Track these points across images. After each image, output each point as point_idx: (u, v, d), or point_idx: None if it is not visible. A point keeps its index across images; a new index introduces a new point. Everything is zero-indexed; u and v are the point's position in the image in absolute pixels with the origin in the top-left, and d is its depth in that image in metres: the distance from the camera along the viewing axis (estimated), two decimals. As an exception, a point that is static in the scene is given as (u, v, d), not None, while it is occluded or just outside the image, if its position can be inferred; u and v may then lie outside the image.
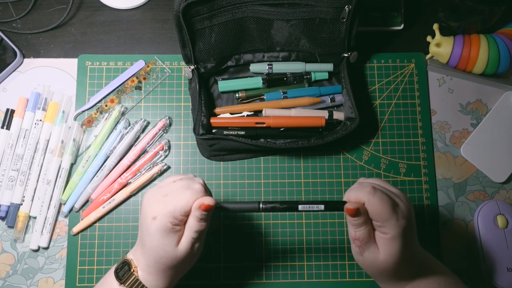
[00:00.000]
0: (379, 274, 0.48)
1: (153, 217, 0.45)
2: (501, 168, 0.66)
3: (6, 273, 0.62)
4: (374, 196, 0.46)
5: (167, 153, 0.65)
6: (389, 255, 0.46)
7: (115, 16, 0.70)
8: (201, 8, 0.58)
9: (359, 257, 0.48)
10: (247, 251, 0.63)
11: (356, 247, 0.47)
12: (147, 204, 0.47)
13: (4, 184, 0.63)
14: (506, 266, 0.62)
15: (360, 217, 0.45)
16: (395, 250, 0.46)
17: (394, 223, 0.45)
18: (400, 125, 0.67)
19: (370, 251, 0.47)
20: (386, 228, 0.45)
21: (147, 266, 0.48)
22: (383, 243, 0.46)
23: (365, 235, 0.46)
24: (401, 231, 0.45)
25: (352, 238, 0.47)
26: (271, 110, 0.65)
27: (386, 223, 0.45)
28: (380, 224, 0.46)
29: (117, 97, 0.66)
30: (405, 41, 0.70)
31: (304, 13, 0.59)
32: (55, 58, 0.68)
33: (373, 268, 0.48)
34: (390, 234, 0.45)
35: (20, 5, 0.70)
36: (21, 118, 0.64)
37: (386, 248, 0.46)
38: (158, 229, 0.45)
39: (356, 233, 0.46)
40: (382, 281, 0.50)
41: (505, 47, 0.64)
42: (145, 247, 0.47)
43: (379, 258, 0.46)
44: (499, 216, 0.64)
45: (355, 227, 0.46)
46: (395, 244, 0.46)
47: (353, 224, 0.46)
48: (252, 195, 0.65)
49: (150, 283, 0.48)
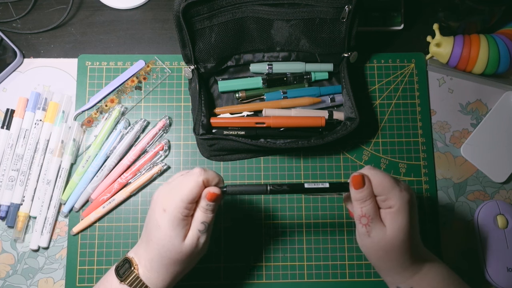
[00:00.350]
0: (387, 257, 0.48)
1: (163, 209, 0.47)
2: (501, 168, 0.66)
3: (6, 273, 0.62)
4: (375, 170, 0.48)
5: (167, 153, 0.65)
6: (396, 229, 0.46)
7: (115, 16, 0.70)
8: (201, 8, 0.58)
9: (366, 239, 0.48)
10: (247, 251, 0.63)
11: (363, 226, 0.47)
12: (157, 199, 0.48)
13: (4, 184, 0.63)
14: (506, 266, 0.62)
15: (365, 187, 0.47)
16: (401, 224, 0.46)
17: (398, 194, 0.46)
18: (400, 125, 0.67)
19: (377, 229, 0.47)
20: (391, 200, 0.46)
21: (150, 261, 0.48)
22: (390, 218, 0.47)
23: (371, 210, 0.47)
24: (405, 203, 0.47)
25: (359, 217, 0.48)
26: (271, 110, 0.65)
27: (390, 193, 0.46)
28: (384, 197, 0.47)
29: (117, 97, 0.66)
30: (405, 41, 0.70)
31: (304, 13, 0.59)
32: (55, 58, 0.68)
33: (380, 250, 0.48)
34: (396, 206, 0.46)
35: (20, 5, 0.70)
36: (21, 118, 0.64)
37: (392, 222, 0.47)
38: (168, 220, 0.46)
39: (362, 209, 0.47)
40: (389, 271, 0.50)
41: (505, 47, 0.64)
42: (150, 242, 0.48)
43: (387, 235, 0.47)
44: (499, 216, 0.64)
45: (361, 202, 0.47)
46: (401, 217, 0.46)
47: (359, 198, 0.47)
48: (252, 195, 0.65)
49: (151, 281, 0.48)
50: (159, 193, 0.49)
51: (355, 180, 0.47)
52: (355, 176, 0.47)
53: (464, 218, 0.65)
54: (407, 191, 0.48)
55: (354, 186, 0.47)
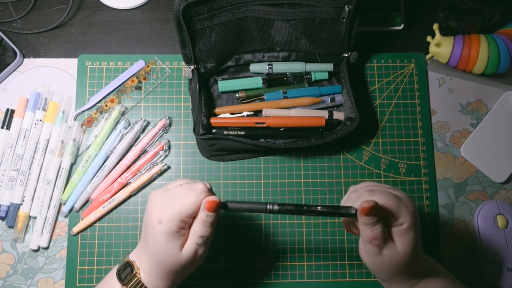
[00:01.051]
0: (398, 271, 0.47)
1: (159, 221, 0.45)
2: (501, 168, 0.66)
3: (6, 273, 0.62)
4: (375, 194, 0.46)
5: (167, 153, 0.65)
6: (407, 244, 0.46)
7: (115, 16, 0.70)
8: (201, 8, 0.58)
9: (376, 257, 0.47)
10: (247, 251, 0.63)
11: (374, 247, 0.46)
12: (153, 207, 0.47)
13: (4, 184, 0.63)
14: (506, 266, 0.62)
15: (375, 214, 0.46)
16: (411, 238, 0.46)
17: (405, 210, 0.46)
18: (400, 125, 0.67)
19: (388, 247, 0.46)
20: (401, 217, 0.46)
21: (150, 267, 0.48)
22: (400, 234, 0.46)
23: (382, 232, 0.46)
24: (414, 217, 0.46)
25: (370, 239, 0.46)
26: (271, 110, 0.65)
27: (398, 212, 0.46)
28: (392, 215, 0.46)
29: (117, 97, 0.66)
30: (405, 41, 0.70)
31: (304, 13, 0.59)
32: (55, 58, 0.68)
33: (392, 267, 0.47)
34: (407, 223, 0.46)
35: (20, 5, 0.70)
36: (21, 118, 0.64)
37: (403, 238, 0.46)
38: (163, 232, 0.45)
39: (373, 232, 0.46)
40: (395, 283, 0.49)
41: (505, 47, 0.64)
42: (148, 249, 0.47)
43: (398, 251, 0.46)
44: (499, 216, 0.64)
45: (371, 226, 0.46)
46: (411, 231, 0.46)
47: (369, 223, 0.46)
48: (252, 195, 0.65)
49: (152, 285, 0.48)
50: (156, 199, 0.47)
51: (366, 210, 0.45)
52: (365, 207, 0.45)
53: (464, 218, 0.65)
54: (411, 202, 0.47)
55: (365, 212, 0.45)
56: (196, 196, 0.45)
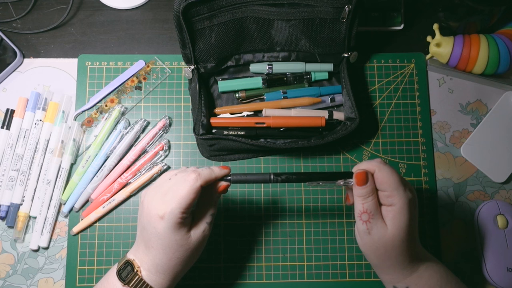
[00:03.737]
0: (387, 255, 0.48)
1: (160, 217, 0.46)
2: (501, 168, 0.66)
3: (6, 273, 0.62)
4: (385, 165, 0.47)
5: (167, 153, 0.65)
6: (397, 228, 0.46)
7: (115, 16, 0.70)
8: (201, 8, 0.58)
9: (366, 236, 0.48)
10: (247, 251, 0.63)
11: (363, 223, 0.47)
12: (149, 204, 0.47)
13: (4, 184, 0.63)
14: (506, 266, 0.62)
15: (368, 184, 0.46)
16: (403, 223, 0.46)
17: (402, 193, 0.46)
18: (400, 125, 0.67)
19: (378, 227, 0.47)
20: (394, 197, 0.46)
21: (155, 266, 0.48)
22: (391, 216, 0.47)
23: (373, 207, 0.47)
24: (407, 202, 0.46)
25: (360, 213, 0.47)
26: (271, 110, 0.65)
27: (394, 191, 0.46)
28: (388, 193, 0.46)
29: (117, 97, 0.66)
30: (405, 41, 0.70)
31: (304, 13, 0.59)
32: (55, 58, 0.68)
33: (381, 248, 0.47)
34: (398, 205, 0.46)
35: (20, 5, 0.70)
36: (21, 118, 0.64)
37: (394, 221, 0.46)
38: (168, 227, 0.46)
39: (364, 205, 0.47)
40: (387, 269, 0.49)
41: (505, 47, 0.64)
42: (152, 248, 0.47)
43: (387, 233, 0.47)
44: (499, 216, 0.64)
45: (362, 198, 0.47)
46: (402, 216, 0.46)
47: (361, 194, 0.47)
48: (252, 195, 0.65)
49: (155, 282, 0.48)
50: (149, 197, 0.48)
51: (358, 177, 0.47)
52: (359, 173, 0.47)
53: (464, 218, 0.65)
54: (411, 192, 0.48)
55: (357, 183, 0.47)
56: (191, 186, 0.46)
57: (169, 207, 0.45)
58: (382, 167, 0.47)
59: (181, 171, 0.49)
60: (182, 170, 0.49)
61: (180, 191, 0.46)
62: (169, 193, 0.46)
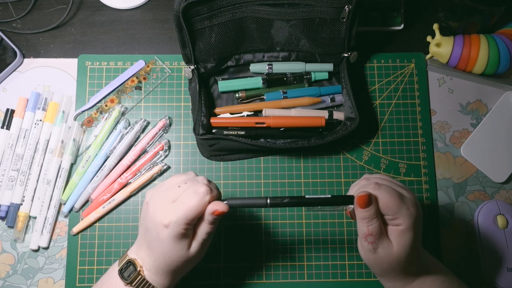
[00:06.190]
0: (391, 269, 0.47)
1: (165, 225, 0.45)
2: (501, 168, 0.66)
3: (6, 273, 0.62)
4: (380, 189, 0.46)
5: (167, 153, 0.65)
6: (403, 246, 0.46)
7: (115, 16, 0.70)
8: (201, 8, 0.58)
9: (371, 254, 0.47)
10: (247, 251, 0.63)
11: (369, 244, 0.46)
12: (155, 209, 0.47)
13: (4, 184, 0.63)
14: (506, 266, 0.62)
15: (372, 207, 0.45)
16: (408, 241, 0.46)
17: (405, 213, 0.45)
18: (400, 125, 0.67)
19: (384, 246, 0.46)
20: (399, 219, 0.46)
21: (156, 267, 0.48)
22: (397, 235, 0.46)
23: (378, 229, 0.46)
24: (413, 221, 0.46)
25: (364, 235, 0.46)
26: (271, 110, 0.65)
27: (398, 213, 0.45)
28: (391, 216, 0.46)
29: (117, 97, 0.66)
30: (405, 41, 0.70)
31: (304, 13, 0.59)
32: (55, 58, 0.68)
33: (386, 264, 0.47)
34: (404, 225, 0.46)
35: (20, 5, 0.70)
36: (21, 118, 0.64)
37: (400, 240, 0.46)
38: (171, 236, 0.46)
39: (369, 227, 0.46)
40: (390, 279, 0.49)
41: (505, 47, 0.64)
42: (154, 252, 0.47)
43: (393, 251, 0.46)
44: (499, 216, 0.64)
45: (367, 220, 0.46)
46: (408, 234, 0.46)
47: (365, 217, 0.46)
48: (252, 195, 0.65)
49: (157, 282, 0.48)
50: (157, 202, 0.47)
51: (361, 200, 0.45)
52: (361, 196, 0.45)
53: (464, 218, 0.65)
54: (415, 207, 0.46)
55: (360, 206, 0.45)
56: (201, 199, 0.45)
57: (175, 217, 0.45)
58: (378, 192, 0.46)
59: (191, 179, 0.48)
60: (192, 178, 0.48)
61: (189, 202, 0.45)
62: (176, 202, 0.46)
